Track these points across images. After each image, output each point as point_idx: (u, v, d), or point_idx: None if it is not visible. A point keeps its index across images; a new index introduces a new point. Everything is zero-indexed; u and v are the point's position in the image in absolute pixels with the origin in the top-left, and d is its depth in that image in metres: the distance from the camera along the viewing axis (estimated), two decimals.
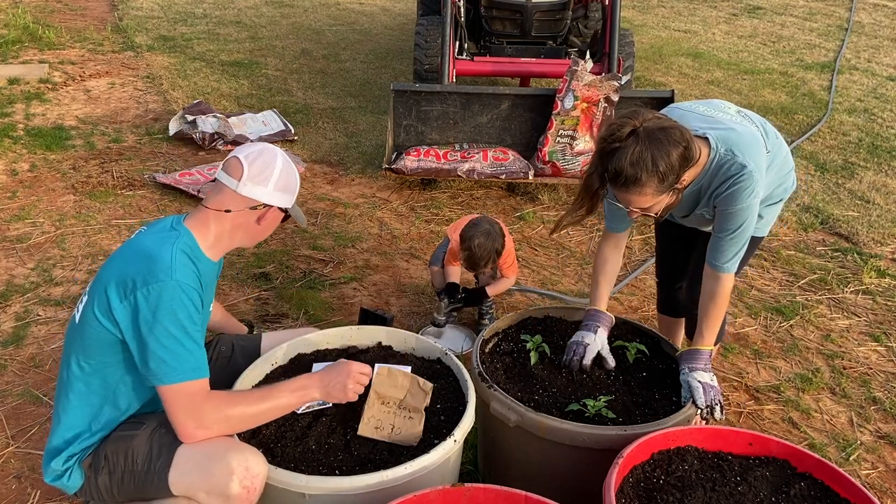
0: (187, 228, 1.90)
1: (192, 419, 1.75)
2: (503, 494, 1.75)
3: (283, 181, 1.97)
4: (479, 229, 3.00)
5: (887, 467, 2.67)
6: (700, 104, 2.32)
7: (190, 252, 1.86)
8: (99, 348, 1.82)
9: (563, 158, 4.50)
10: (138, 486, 1.83)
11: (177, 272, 1.77)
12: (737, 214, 2.14)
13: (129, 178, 4.63)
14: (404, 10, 9.90)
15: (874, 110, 6.55)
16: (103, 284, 1.80)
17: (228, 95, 6.27)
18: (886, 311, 3.62)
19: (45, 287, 3.49)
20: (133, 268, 1.78)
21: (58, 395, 1.92)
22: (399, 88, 4.59)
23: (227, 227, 1.95)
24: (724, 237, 2.19)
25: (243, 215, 1.95)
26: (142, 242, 1.86)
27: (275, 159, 1.96)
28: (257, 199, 1.94)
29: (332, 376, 1.93)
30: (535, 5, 5.43)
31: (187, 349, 1.76)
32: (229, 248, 2.02)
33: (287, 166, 1.99)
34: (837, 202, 4.77)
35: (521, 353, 2.40)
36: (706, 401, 2.14)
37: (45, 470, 1.90)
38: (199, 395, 1.77)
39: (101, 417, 1.89)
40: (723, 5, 11.01)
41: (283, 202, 1.99)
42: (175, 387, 1.74)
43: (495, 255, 3.02)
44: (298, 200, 4.42)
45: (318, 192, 4.63)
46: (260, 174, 1.93)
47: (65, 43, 7.62)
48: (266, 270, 3.70)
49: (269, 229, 2.04)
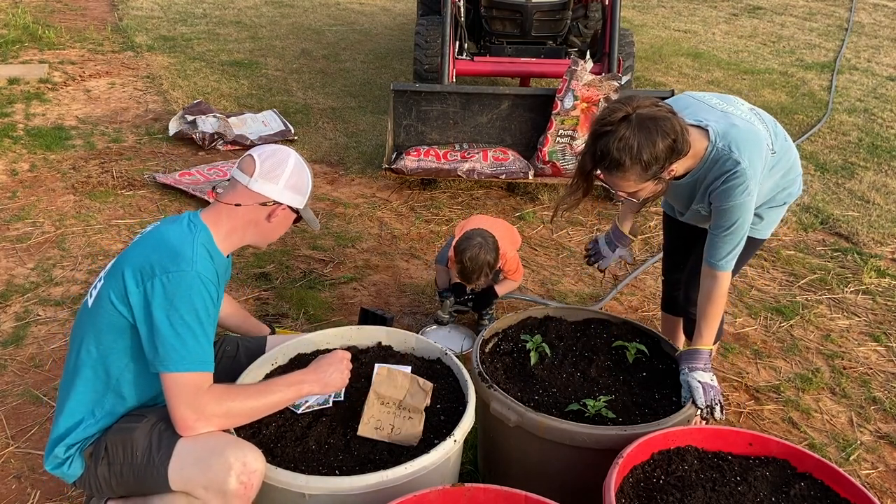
0: (204, 224, 1.94)
1: (192, 410, 1.77)
2: (503, 494, 1.75)
3: (295, 180, 2.01)
4: (472, 242, 3.00)
5: (887, 467, 2.67)
6: (715, 97, 2.32)
7: (208, 247, 1.91)
8: (109, 332, 1.85)
9: (563, 158, 4.50)
10: (137, 479, 1.84)
11: (198, 264, 1.82)
12: (730, 211, 2.14)
13: (129, 178, 4.63)
14: (404, 10, 9.90)
15: (874, 110, 6.55)
16: (121, 269, 1.84)
17: (228, 95, 6.27)
18: (886, 311, 3.62)
19: (45, 287, 3.49)
20: (155, 256, 1.82)
21: (63, 382, 1.94)
22: (399, 88, 4.59)
23: (239, 223, 1.98)
24: (719, 234, 2.19)
25: (253, 211, 1.98)
26: (164, 233, 1.90)
27: (287, 159, 2.01)
28: (267, 196, 1.97)
29: (324, 367, 1.99)
30: (535, 5, 5.43)
31: (198, 340, 1.79)
32: (240, 245, 2.04)
33: (299, 167, 2.04)
34: (837, 202, 4.77)
35: (521, 353, 2.40)
36: (706, 401, 2.14)
37: (47, 458, 1.91)
38: (201, 387, 1.79)
39: (105, 405, 1.90)
40: (723, 5, 11.01)
41: (293, 201, 2.03)
42: (179, 375, 1.76)
43: (487, 269, 3.01)
44: None
45: (318, 192, 4.63)
46: (271, 171, 1.97)
47: (65, 43, 7.62)
48: (266, 270, 3.70)
49: (279, 228, 2.07)
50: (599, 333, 2.50)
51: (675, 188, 2.30)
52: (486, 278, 3.06)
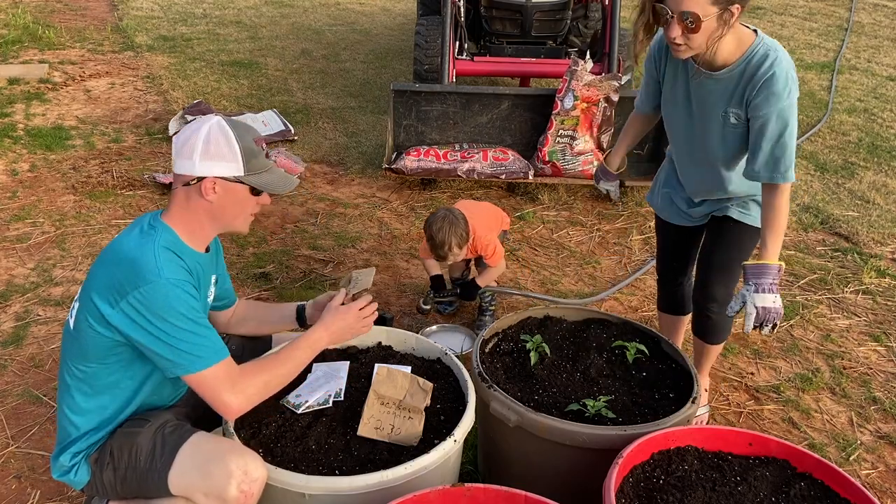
0: (164, 223, 1.86)
1: (233, 395, 1.78)
2: (503, 494, 1.75)
3: (213, 149, 1.80)
4: (437, 216, 3.10)
5: (887, 467, 2.67)
6: None
7: (172, 246, 1.82)
8: (97, 352, 1.81)
9: (563, 158, 4.50)
10: (140, 483, 1.84)
11: (164, 270, 1.73)
12: (781, 115, 2.09)
13: (129, 178, 4.63)
14: (404, 10, 9.90)
15: (874, 110, 6.55)
16: (88, 293, 1.78)
17: (228, 95, 6.27)
18: (886, 311, 3.62)
19: (45, 287, 3.49)
20: (119, 273, 1.74)
21: (61, 395, 1.91)
22: (399, 88, 4.59)
23: (190, 213, 1.87)
24: (774, 143, 2.12)
25: (186, 194, 1.85)
26: (122, 246, 1.80)
27: (199, 128, 1.81)
28: (187, 174, 1.82)
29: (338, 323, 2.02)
30: (534, 5, 5.42)
31: (201, 335, 1.77)
32: (207, 235, 1.94)
33: (216, 134, 1.80)
34: (837, 202, 4.77)
35: (521, 353, 2.40)
36: (755, 324, 2.10)
37: (53, 465, 1.90)
38: (233, 372, 1.80)
39: (108, 413, 1.89)
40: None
41: (220, 171, 1.81)
42: (204, 373, 1.76)
43: (455, 240, 3.05)
44: (299, 199, 4.50)
45: (318, 192, 4.63)
46: (183, 147, 1.82)
47: (65, 43, 7.62)
48: (266, 270, 3.70)
49: (231, 206, 1.88)
50: (599, 333, 2.50)
51: (706, 88, 2.23)
52: (458, 250, 3.08)
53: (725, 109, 2.21)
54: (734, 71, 2.15)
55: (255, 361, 1.93)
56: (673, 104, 2.39)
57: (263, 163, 1.89)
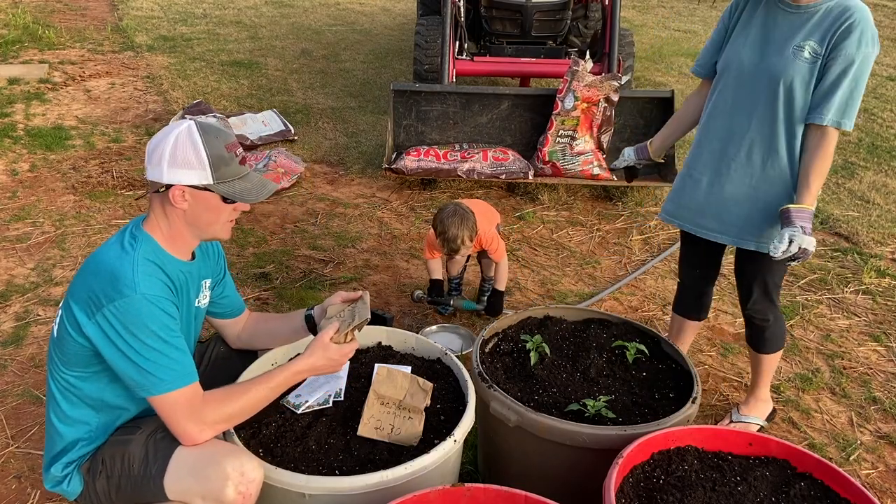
0: (146, 232, 1.83)
1: (193, 423, 1.74)
2: (503, 494, 1.75)
3: (180, 157, 1.75)
4: (447, 212, 3.13)
5: (887, 467, 2.67)
6: None
7: (153, 257, 1.79)
8: (79, 361, 1.80)
9: (564, 158, 4.50)
10: (135, 490, 1.82)
11: (140, 285, 1.71)
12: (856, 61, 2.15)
13: (129, 178, 4.63)
14: (404, 10, 9.90)
15: (874, 110, 6.55)
16: (68, 302, 1.77)
17: (228, 95, 6.27)
18: (886, 311, 3.62)
19: (45, 287, 3.49)
20: (97, 284, 1.72)
21: (48, 403, 1.90)
22: (399, 88, 4.59)
23: (168, 221, 1.84)
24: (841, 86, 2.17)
25: (158, 201, 1.82)
26: (103, 257, 1.78)
27: (168, 135, 1.77)
28: (157, 181, 1.78)
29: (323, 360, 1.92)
30: (534, 5, 5.43)
31: (170, 357, 1.73)
32: (187, 242, 1.90)
33: (184, 141, 1.76)
34: (837, 202, 4.77)
35: (520, 353, 2.40)
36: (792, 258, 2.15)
37: (45, 477, 1.89)
38: (195, 399, 1.76)
39: (97, 422, 1.87)
40: (723, 5, 11.00)
41: (188, 179, 1.77)
42: (167, 396, 1.72)
43: (466, 232, 3.09)
44: (299, 199, 4.50)
45: (318, 192, 4.63)
46: (153, 154, 1.78)
47: (65, 43, 7.62)
48: (266, 270, 3.70)
49: (205, 213, 1.83)
50: (599, 333, 2.50)
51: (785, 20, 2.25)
52: (469, 242, 3.13)
53: (801, 42, 2.23)
54: (820, 6, 2.21)
55: (227, 388, 1.87)
56: (742, 42, 2.34)
57: (236, 170, 1.83)
